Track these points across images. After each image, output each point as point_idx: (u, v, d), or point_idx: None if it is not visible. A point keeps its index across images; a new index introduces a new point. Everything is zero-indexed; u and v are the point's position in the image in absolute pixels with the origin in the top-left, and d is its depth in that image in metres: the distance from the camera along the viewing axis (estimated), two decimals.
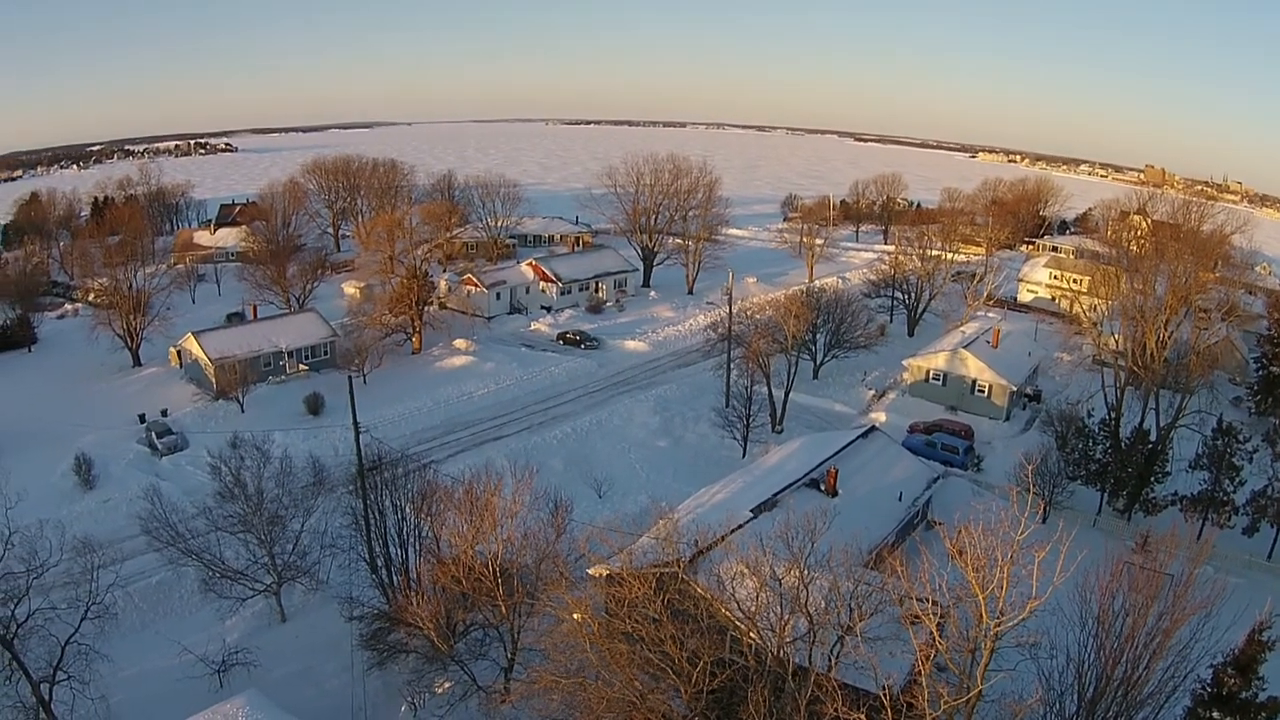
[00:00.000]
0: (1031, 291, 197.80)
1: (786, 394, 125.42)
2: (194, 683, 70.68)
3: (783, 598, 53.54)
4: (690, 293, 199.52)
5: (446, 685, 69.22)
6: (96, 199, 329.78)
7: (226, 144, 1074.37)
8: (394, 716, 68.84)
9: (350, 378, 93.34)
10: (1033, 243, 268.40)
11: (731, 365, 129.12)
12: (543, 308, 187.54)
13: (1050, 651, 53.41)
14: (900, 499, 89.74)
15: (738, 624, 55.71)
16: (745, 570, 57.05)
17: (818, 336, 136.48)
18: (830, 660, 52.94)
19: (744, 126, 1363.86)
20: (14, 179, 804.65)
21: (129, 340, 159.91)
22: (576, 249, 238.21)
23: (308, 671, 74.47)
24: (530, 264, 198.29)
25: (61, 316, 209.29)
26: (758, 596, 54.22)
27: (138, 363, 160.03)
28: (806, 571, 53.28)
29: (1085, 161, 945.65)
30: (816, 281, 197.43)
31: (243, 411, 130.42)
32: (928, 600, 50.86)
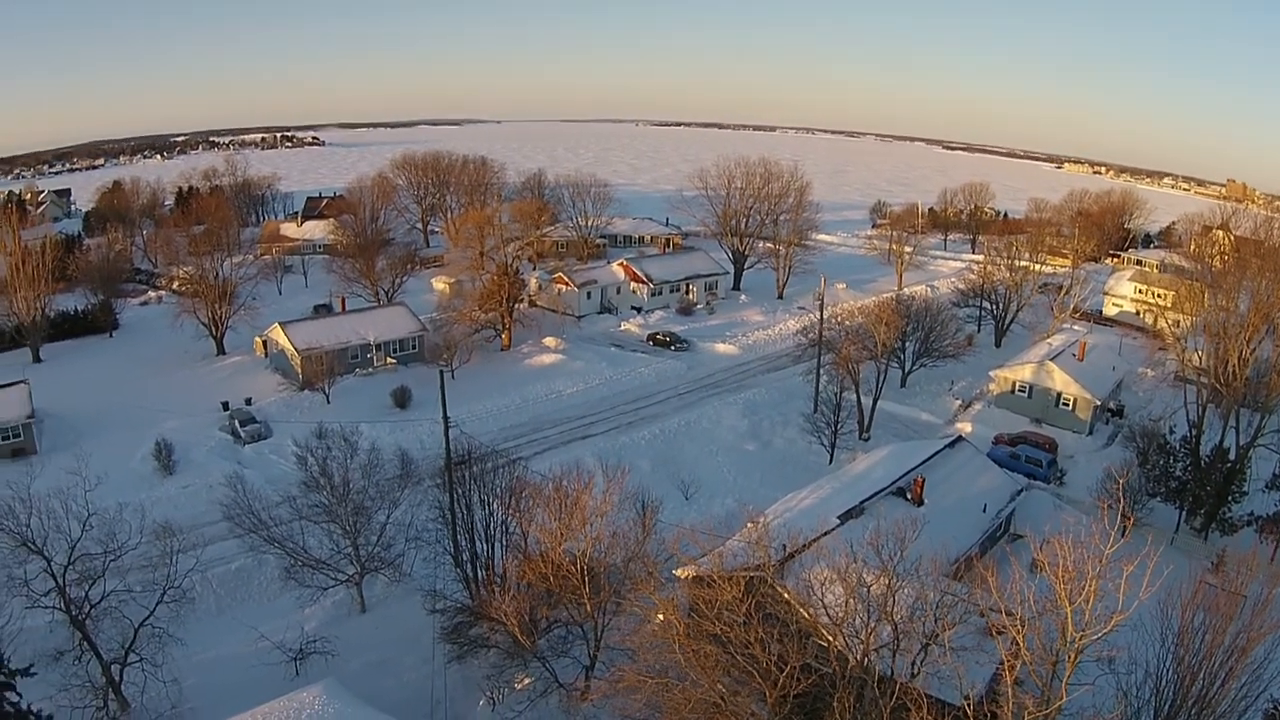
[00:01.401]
0: (1116, 305, 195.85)
1: (875, 401, 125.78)
2: (269, 669, 72.54)
3: (870, 605, 54.19)
4: (780, 297, 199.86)
5: (526, 681, 70.27)
6: (181, 189, 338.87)
7: (314, 138, 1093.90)
8: (472, 710, 70.07)
9: (441, 372, 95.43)
10: (1118, 256, 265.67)
11: (821, 371, 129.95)
12: (633, 308, 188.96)
13: (1129, 666, 54.36)
14: (985, 510, 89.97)
15: (823, 630, 56.32)
16: (833, 576, 57.64)
17: (907, 344, 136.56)
18: (913, 669, 53.59)
19: (833, 132, 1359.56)
20: (96, 167, 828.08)
21: (213, 329, 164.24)
22: (667, 250, 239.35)
23: (386, 662, 76.14)
24: (621, 264, 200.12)
25: (144, 303, 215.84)
26: (846, 603, 54.78)
27: (222, 351, 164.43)
28: (894, 580, 54.06)
29: (1168, 174, 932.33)
30: (905, 289, 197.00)
31: (328, 402, 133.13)
32: (1012, 613, 51.77)
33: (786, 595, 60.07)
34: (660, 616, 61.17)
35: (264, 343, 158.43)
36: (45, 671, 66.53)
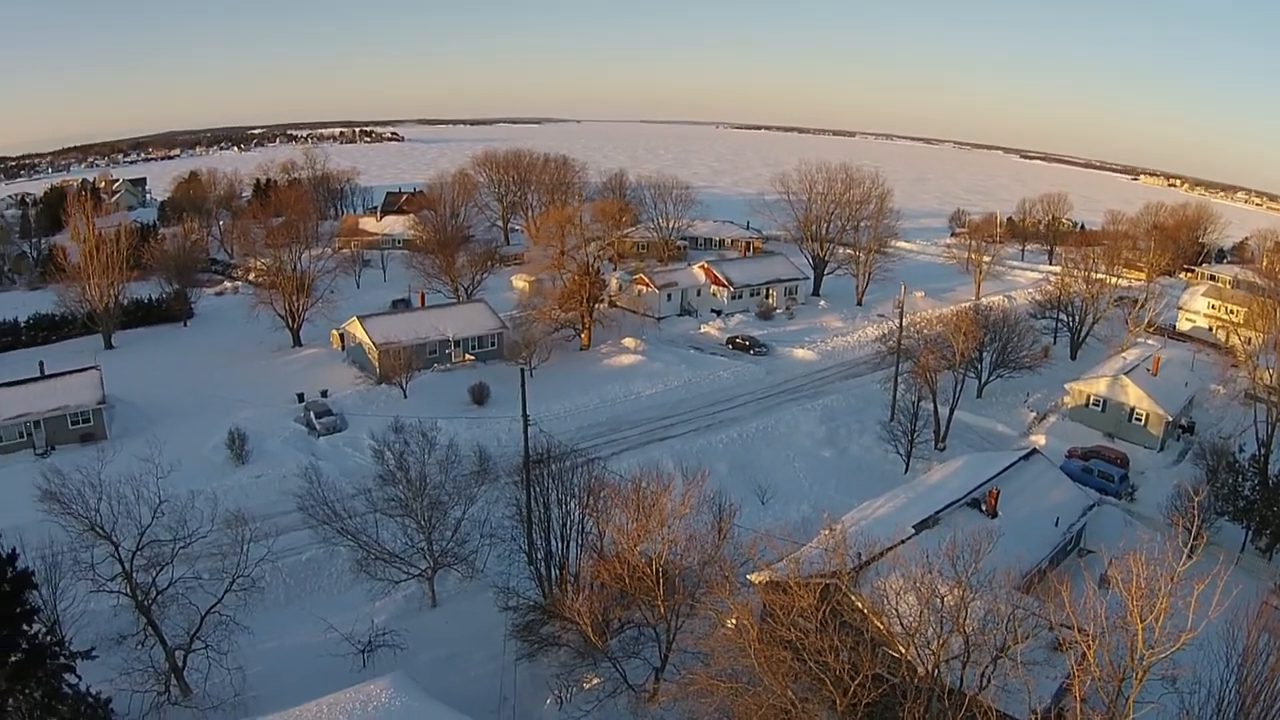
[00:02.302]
0: (1190, 320, 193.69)
1: (951, 411, 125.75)
2: (336, 661, 73.46)
3: (943, 616, 54.35)
4: (859, 304, 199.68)
5: (595, 681, 70.54)
6: (259, 180, 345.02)
7: (393, 133, 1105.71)
8: (539, 709, 70.48)
9: (522, 370, 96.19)
10: (1191, 270, 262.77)
11: (899, 379, 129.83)
12: (713, 311, 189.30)
13: (1192, 686, 54.32)
14: (1056, 524, 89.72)
15: (895, 639, 56.46)
16: (906, 586, 57.82)
17: (984, 355, 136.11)
18: (982, 682, 53.61)
19: (912, 138, 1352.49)
20: (171, 157, 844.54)
21: (290, 320, 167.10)
22: (748, 254, 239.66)
23: (455, 658, 76.79)
24: (702, 267, 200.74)
25: (220, 293, 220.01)
26: (920, 614, 54.94)
27: (298, 343, 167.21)
28: (968, 592, 54.25)
29: (1242, 189, 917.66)
30: (983, 299, 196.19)
31: (405, 397, 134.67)
32: (1083, 629, 51.95)
33: (860, 604, 60.29)
34: (732, 621, 61.59)
35: (341, 336, 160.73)
36: (106, 655, 67.68)
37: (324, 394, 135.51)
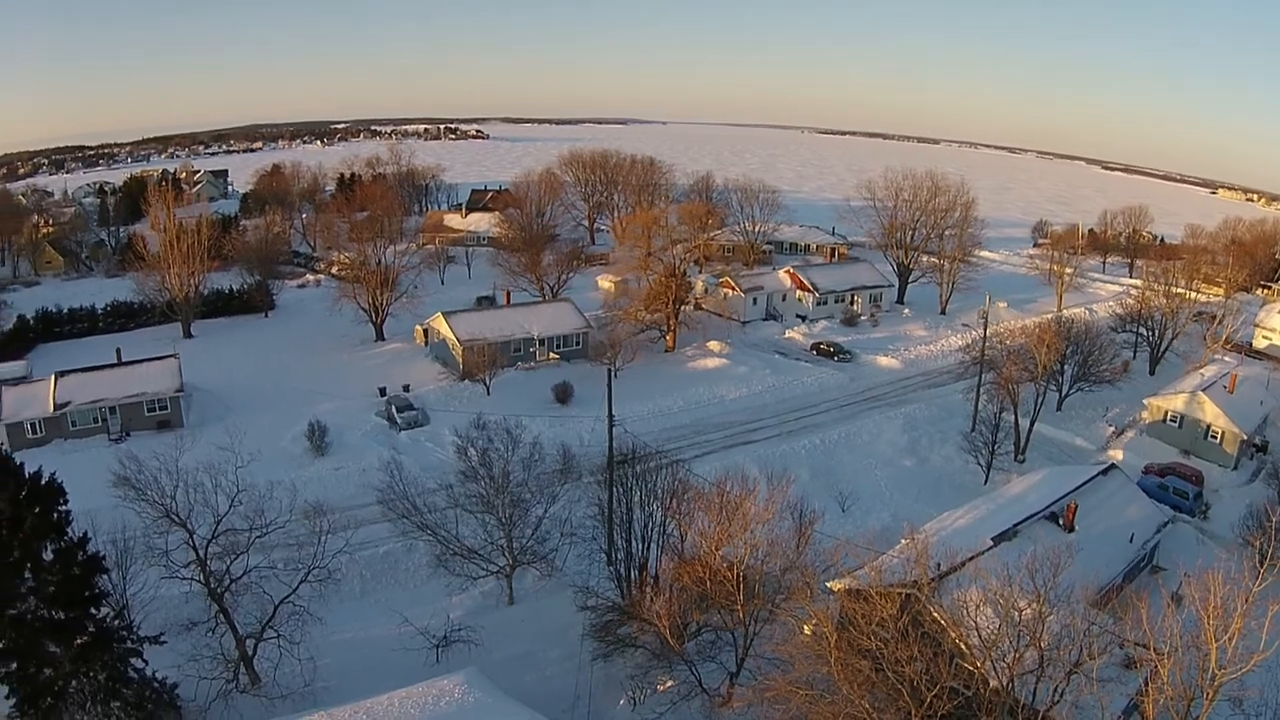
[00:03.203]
0: (1267, 338, 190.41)
1: (1032, 424, 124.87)
2: (410, 655, 74.10)
3: (1020, 630, 54.17)
4: (943, 313, 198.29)
5: (669, 684, 70.55)
6: (343, 175, 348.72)
7: (478, 130, 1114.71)
8: (612, 709, 70.62)
9: (609, 370, 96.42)
10: (1268, 287, 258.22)
11: (981, 390, 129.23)
12: (798, 316, 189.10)
13: (1259, 708, 54.74)
14: (1131, 540, 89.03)
15: (972, 652, 56.35)
16: (983, 598, 57.95)
17: (1065, 367, 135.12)
18: (1054, 697, 53.32)
19: (995, 146, 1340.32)
20: (253, 150, 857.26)
21: (373, 314, 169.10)
22: (833, 260, 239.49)
23: (530, 655, 77.03)
24: (788, 271, 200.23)
25: (302, 286, 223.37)
26: (999, 627, 54.86)
27: (381, 337, 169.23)
28: (1046, 606, 54.01)
29: None
30: (1065, 311, 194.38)
31: (488, 394, 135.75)
32: (1158, 649, 51.80)
33: (937, 614, 60.13)
34: (808, 628, 61.93)
35: (425, 331, 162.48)
36: (175, 641, 68.97)
37: (406, 389, 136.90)
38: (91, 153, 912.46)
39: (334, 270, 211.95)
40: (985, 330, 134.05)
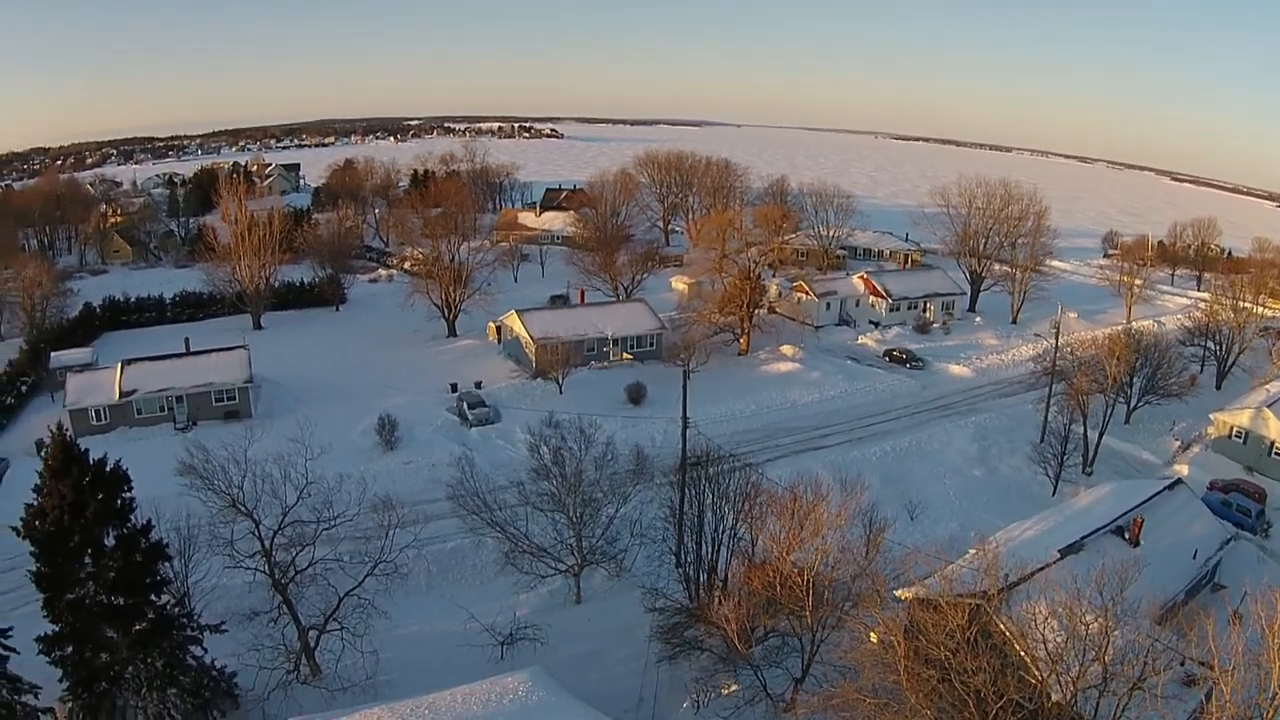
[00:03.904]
0: None
1: (1100, 436, 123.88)
2: (474, 651, 74.47)
3: (1085, 644, 53.86)
4: (1014, 322, 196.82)
5: (734, 688, 70.61)
6: (416, 171, 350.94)
7: (552, 130, 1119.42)
8: (676, 711, 70.70)
9: (684, 372, 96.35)
10: None
11: (1050, 401, 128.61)
12: (870, 322, 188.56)
13: None
14: (1194, 557, 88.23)
15: (1037, 664, 56.22)
16: (1049, 611, 57.74)
17: (1134, 380, 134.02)
18: (1115, 713, 52.96)
19: (1066, 156, 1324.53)
20: (325, 145, 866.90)
21: (446, 310, 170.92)
22: (906, 266, 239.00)
23: (595, 655, 77.22)
24: (862, 277, 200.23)
25: (374, 280, 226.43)
26: (1067, 640, 54.63)
27: (453, 333, 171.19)
28: (1112, 621, 53.66)
29: None
30: (1134, 323, 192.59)
31: (560, 393, 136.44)
32: (1213, 665, 51.52)
33: (1003, 626, 60.09)
34: (874, 635, 61.97)
35: (498, 328, 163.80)
36: (236, 630, 69.89)
37: (478, 385, 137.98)
38: (161, 144, 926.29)
39: (407, 266, 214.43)
40: (1057, 340, 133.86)
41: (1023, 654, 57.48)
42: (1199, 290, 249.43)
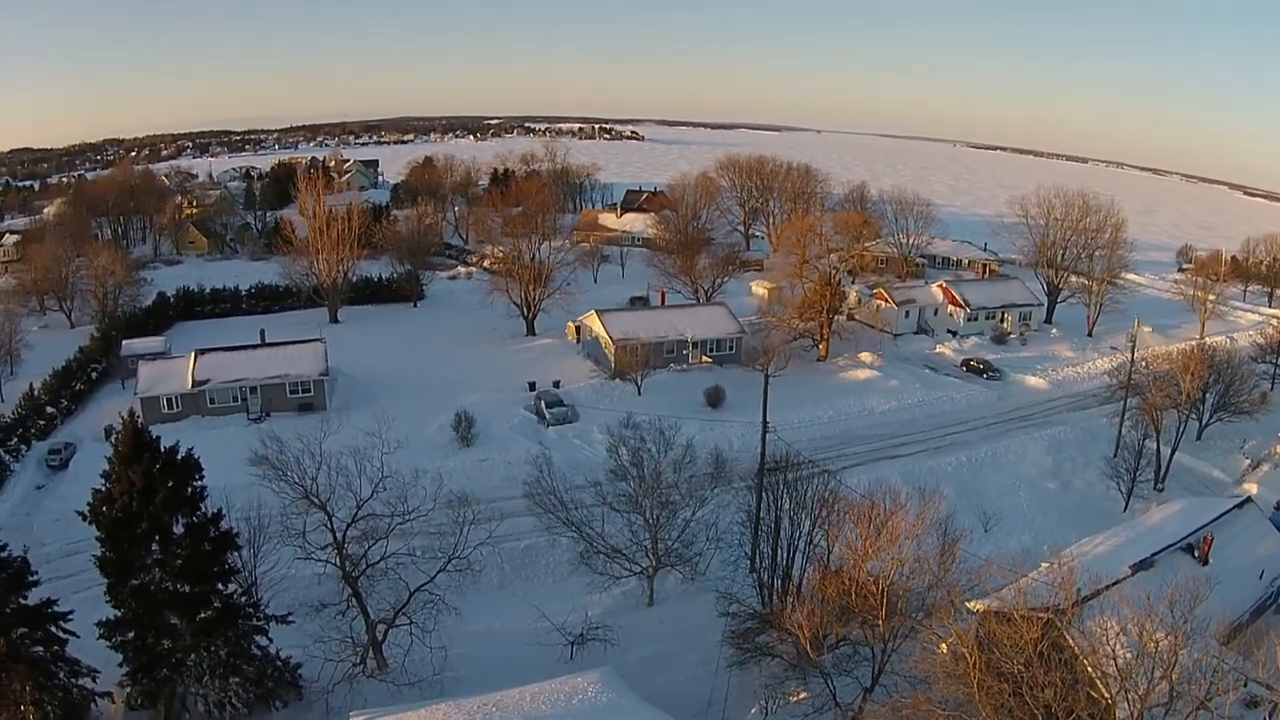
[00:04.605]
0: None
1: (1173, 452, 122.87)
2: (543, 650, 74.70)
3: (1154, 661, 53.31)
4: (1090, 335, 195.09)
5: (803, 695, 70.37)
6: (496, 170, 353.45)
7: (633, 132, 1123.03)
8: (744, 717, 70.50)
9: (766, 376, 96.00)
10: None
11: (1125, 415, 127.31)
12: (949, 331, 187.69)
13: None
14: (1260, 577, 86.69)
15: (1106, 680, 55.69)
16: (1119, 627, 57.35)
17: (1206, 396, 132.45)
18: None
19: (1141, 168, 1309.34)
20: (404, 142, 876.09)
21: (525, 309, 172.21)
22: (984, 276, 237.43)
23: (665, 658, 77.25)
24: (941, 286, 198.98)
25: (453, 277, 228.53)
26: (1137, 657, 54.03)
27: (532, 332, 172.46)
28: (1181, 639, 53.21)
29: None
30: (1207, 338, 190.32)
31: (639, 394, 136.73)
32: (1275, 687, 52.52)
33: (1072, 641, 59.44)
34: (944, 646, 61.76)
35: (577, 328, 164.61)
36: (304, 621, 70.44)
37: (556, 384, 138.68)
38: (238, 138, 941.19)
39: (486, 264, 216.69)
40: (1133, 354, 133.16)
41: (1091, 670, 57.11)
42: (1270, 306, 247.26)
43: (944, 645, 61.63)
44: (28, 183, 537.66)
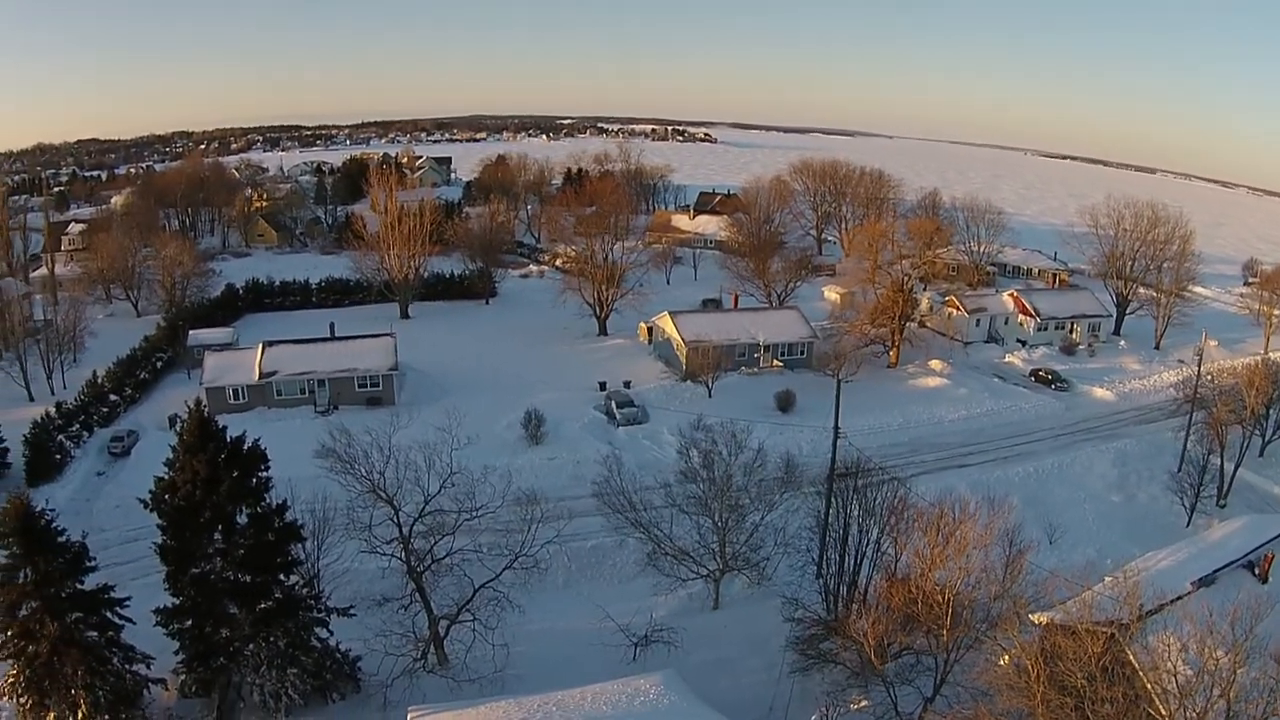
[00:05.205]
0: None
1: (1236, 467, 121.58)
2: (606, 650, 74.47)
3: (1214, 679, 52.68)
4: (1157, 347, 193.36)
5: (863, 703, 70.11)
6: (570, 169, 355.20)
7: (705, 134, 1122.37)
8: None
9: (839, 382, 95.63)
10: None
11: (1190, 430, 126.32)
12: (1018, 341, 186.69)
13: None
14: None
15: (1165, 697, 54.87)
16: (1179, 644, 56.68)
17: (1270, 412, 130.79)
18: None
19: (1209, 180, 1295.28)
20: (477, 140, 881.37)
21: (597, 309, 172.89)
22: (1054, 286, 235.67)
23: (727, 662, 77.04)
24: (1011, 294, 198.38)
25: (525, 276, 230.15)
26: (1198, 675, 53.36)
27: (603, 332, 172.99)
28: (1243, 658, 52.66)
29: None
30: (1272, 354, 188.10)
31: (709, 396, 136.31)
32: None
33: (1132, 657, 59.16)
34: (1005, 659, 61.57)
35: (649, 329, 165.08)
36: (365, 615, 70.90)
37: (627, 385, 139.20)
38: (309, 133, 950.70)
39: (558, 263, 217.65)
40: (1199, 369, 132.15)
41: (1150, 686, 56.57)
42: None
43: (1005, 657, 61.40)
44: (95, 173, 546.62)
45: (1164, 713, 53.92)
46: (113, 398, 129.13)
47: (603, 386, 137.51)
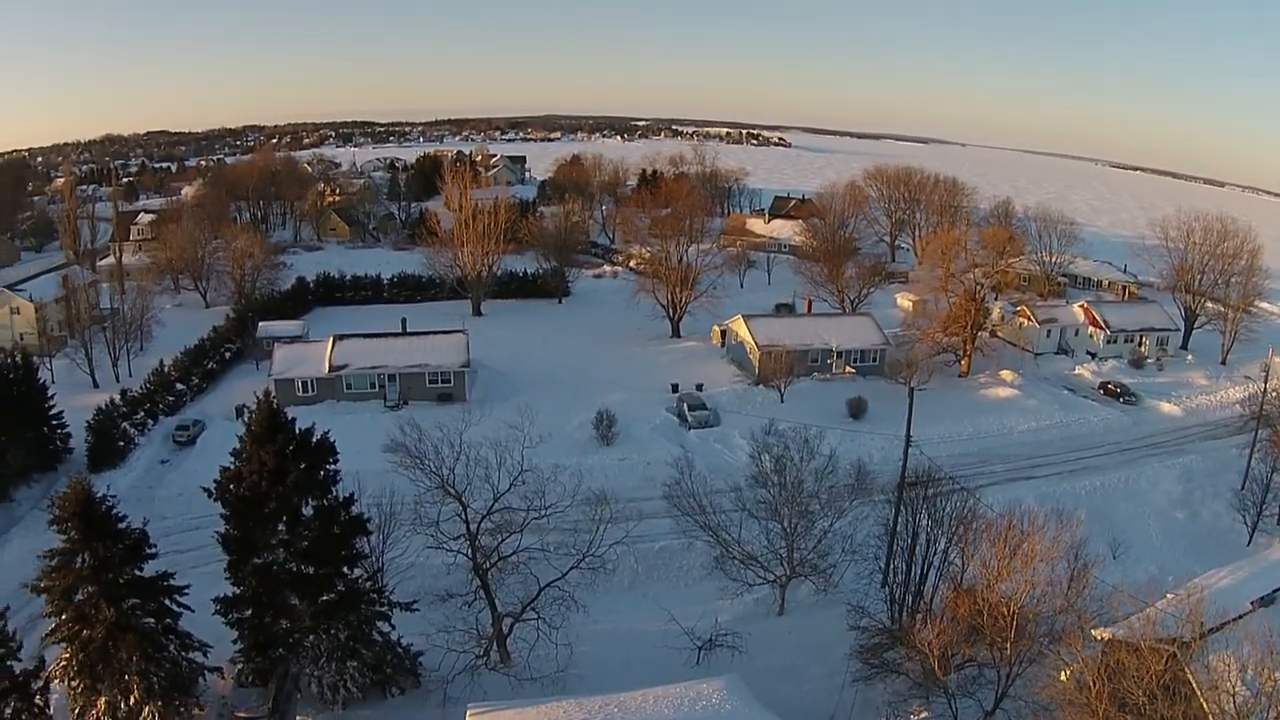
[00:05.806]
0: None
1: None
2: (670, 653, 74.23)
3: (1270, 701, 52.44)
4: (1223, 363, 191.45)
5: (924, 714, 70.02)
6: (645, 170, 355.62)
7: (780, 138, 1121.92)
8: None
9: (911, 390, 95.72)
10: None
11: (1254, 447, 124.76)
12: (1088, 353, 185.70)
13: None
14: None
15: (1219, 717, 54.71)
16: (1241, 664, 56.43)
17: None
18: None
19: (1275, 195, 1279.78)
20: (551, 140, 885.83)
21: (671, 311, 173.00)
22: (1124, 298, 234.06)
23: (791, 669, 76.59)
24: (1082, 306, 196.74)
25: (599, 276, 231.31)
26: (1256, 696, 53.14)
27: (677, 334, 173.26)
28: None
29: None
30: None
31: (781, 401, 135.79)
32: None
33: (1191, 675, 58.48)
34: (1064, 674, 61.55)
35: (722, 333, 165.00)
36: (428, 610, 71.28)
37: (699, 387, 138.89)
38: (382, 129, 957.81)
39: (633, 264, 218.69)
40: (1265, 385, 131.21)
41: (1207, 705, 56.19)
42: None
43: (1064, 673, 61.36)
44: (164, 164, 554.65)
45: None
46: (179, 387, 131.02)
47: (675, 389, 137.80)
